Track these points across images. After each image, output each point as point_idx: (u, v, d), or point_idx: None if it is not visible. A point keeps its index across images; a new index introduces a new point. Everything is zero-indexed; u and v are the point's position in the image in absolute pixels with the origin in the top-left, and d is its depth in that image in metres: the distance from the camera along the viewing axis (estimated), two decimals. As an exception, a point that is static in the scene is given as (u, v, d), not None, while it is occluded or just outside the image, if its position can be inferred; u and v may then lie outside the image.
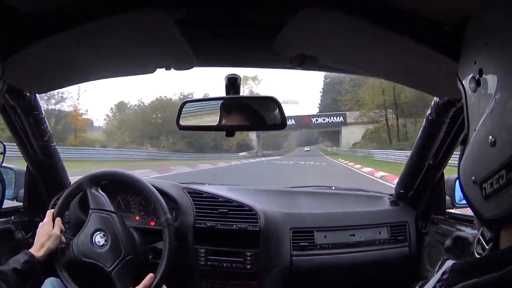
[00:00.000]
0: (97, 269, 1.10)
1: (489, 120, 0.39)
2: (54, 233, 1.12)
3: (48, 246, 1.09)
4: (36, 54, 0.76)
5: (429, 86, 0.96)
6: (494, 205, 0.39)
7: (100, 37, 0.74)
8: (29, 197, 1.40)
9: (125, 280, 1.09)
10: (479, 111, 0.42)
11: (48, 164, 1.37)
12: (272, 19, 0.77)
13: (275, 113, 1.10)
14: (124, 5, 0.67)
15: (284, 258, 1.29)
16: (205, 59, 1.03)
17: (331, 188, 1.73)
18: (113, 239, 1.13)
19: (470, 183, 0.42)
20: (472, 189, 0.42)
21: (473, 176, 0.42)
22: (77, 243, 1.13)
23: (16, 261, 1.01)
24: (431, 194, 1.36)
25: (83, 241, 1.13)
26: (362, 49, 0.78)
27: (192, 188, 1.38)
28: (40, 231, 1.12)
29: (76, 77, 1.01)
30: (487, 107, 0.40)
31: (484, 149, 0.40)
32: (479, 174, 0.40)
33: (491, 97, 0.39)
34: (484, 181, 0.39)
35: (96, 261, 1.11)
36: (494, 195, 0.38)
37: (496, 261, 0.36)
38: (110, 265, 1.10)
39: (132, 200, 1.37)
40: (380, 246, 1.34)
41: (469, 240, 1.11)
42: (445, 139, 1.21)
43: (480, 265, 0.38)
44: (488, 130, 0.39)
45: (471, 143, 0.44)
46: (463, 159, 0.45)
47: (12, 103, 1.10)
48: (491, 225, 0.41)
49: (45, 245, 1.08)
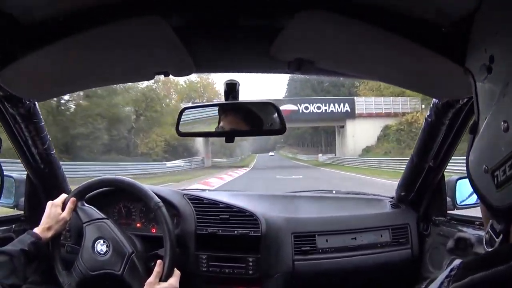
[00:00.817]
0: (109, 277, 1.10)
1: (502, 105, 0.39)
2: (64, 218, 1.11)
3: (56, 229, 1.09)
4: (35, 62, 0.76)
5: (428, 88, 0.96)
6: (507, 193, 0.38)
7: (98, 44, 0.74)
8: (29, 206, 1.40)
9: (138, 276, 1.09)
10: (490, 98, 0.42)
11: (48, 172, 1.37)
12: (269, 24, 0.77)
13: (274, 118, 1.11)
14: (123, 12, 0.67)
15: (286, 263, 1.29)
16: (203, 65, 1.03)
17: (331, 192, 1.73)
18: (113, 242, 1.13)
19: (480, 172, 0.42)
20: (482, 178, 0.42)
21: (484, 164, 0.41)
22: (81, 262, 1.11)
23: (23, 242, 1.01)
24: (432, 196, 1.36)
25: (86, 256, 1.12)
26: (361, 52, 0.78)
27: (193, 194, 1.38)
28: (50, 212, 1.11)
29: (75, 84, 1.01)
30: (498, 93, 0.40)
31: (496, 136, 0.39)
32: (490, 162, 0.40)
33: (503, 82, 0.39)
34: (496, 169, 0.39)
35: (104, 269, 1.10)
36: (507, 183, 0.38)
37: (504, 254, 0.36)
38: (119, 269, 1.09)
39: (133, 207, 1.38)
40: (382, 249, 1.34)
41: (471, 241, 1.11)
42: (445, 140, 1.21)
43: (488, 259, 0.37)
44: (500, 116, 0.39)
45: (482, 130, 0.43)
46: (472, 149, 0.45)
47: (12, 111, 1.10)
48: (502, 215, 0.41)
49: (52, 228, 1.08)
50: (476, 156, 0.44)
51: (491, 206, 0.42)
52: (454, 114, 1.10)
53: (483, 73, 0.44)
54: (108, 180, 1.23)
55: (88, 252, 1.12)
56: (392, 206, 1.47)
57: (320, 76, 1.08)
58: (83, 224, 1.15)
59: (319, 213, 1.42)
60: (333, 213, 1.42)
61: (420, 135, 1.26)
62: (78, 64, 0.83)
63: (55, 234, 1.10)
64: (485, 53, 0.44)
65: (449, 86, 0.87)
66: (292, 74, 1.03)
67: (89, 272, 1.09)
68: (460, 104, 1.05)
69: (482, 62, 0.44)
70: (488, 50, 0.43)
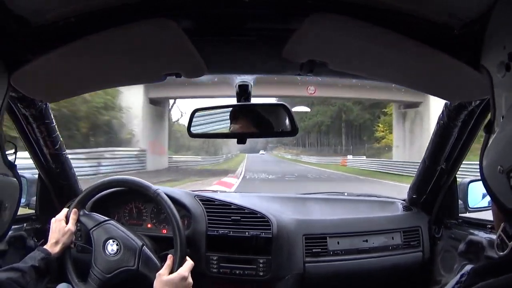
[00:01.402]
0: (125, 274, 1.10)
1: None
2: (69, 229, 1.12)
3: (63, 242, 1.09)
4: (47, 63, 0.76)
5: (440, 89, 0.96)
6: None
7: (110, 46, 0.75)
8: (41, 205, 1.41)
9: (153, 266, 1.09)
10: (508, 96, 0.42)
11: (60, 172, 1.38)
12: (281, 26, 0.77)
13: (285, 120, 1.11)
14: (134, 14, 0.67)
15: (297, 265, 1.28)
16: (215, 67, 1.04)
17: (343, 194, 1.72)
18: (123, 239, 1.13)
19: (495, 172, 0.41)
20: (497, 179, 0.41)
21: (499, 165, 0.40)
22: (96, 267, 1.11)
23: (33, 258, 1.01)
24: (444, 199, 1.35)
25: (100, 260, 1.12)
26: (373, 54, 0.78)
27: (204, 196, 1.38)
28: (54, 227, 1.12)
29: (87, 85, 1.01)
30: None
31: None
32: (506, 162, 0.39)
33: None
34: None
35: (120, 268, 1.10)
36: None
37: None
38: (134, 263, 1.10)
39: (144, 208, 1.38)
40: (393, 252, 1.33)
41: (483, 244, 1.10)
42: (457, 142, 1.20)
43: (499, 266, 0.37)
44: None
45: (499, 130, 0.42)
46: (487, 148, 0.44)
47: (24, 111, 1.12)
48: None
49: (60, 242, 1.09)
50: (491, 156, 0.43)
51: (504, 207, 0.41)
52: (467, 116, 1.10)
53: (501, 70, 0.43)
54: (104, 184, 1.23)
55: (101, 255, 1.12)
56: (404, 208, 1.46)
57: (332, 77, 1.08)
58: (90, 230, 1.16)
59: (331, 215, 1.41)
60: (344, 215, 1.42)
61: (432, 137, 1.25)
62: (90, 66, 0.83)
63: (63, 247, 1.10)
64: (504, 50, 0.43)
65: (461, 87, 0.86)
66: (305, 76, 1.03)
67: (105, 275, 1.09)
68: (473, 106, 1.04)
69: (500, 60, 0.44)
70: (508, 47, 0.43)
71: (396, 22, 0.67)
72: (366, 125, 31.89)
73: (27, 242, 1.32)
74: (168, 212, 1.11)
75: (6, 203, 0.66)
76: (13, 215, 0.70)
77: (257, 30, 0.81)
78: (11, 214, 0.69)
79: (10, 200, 0.68)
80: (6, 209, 0.66)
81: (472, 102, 1.03)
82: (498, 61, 0.45)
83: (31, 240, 1.34)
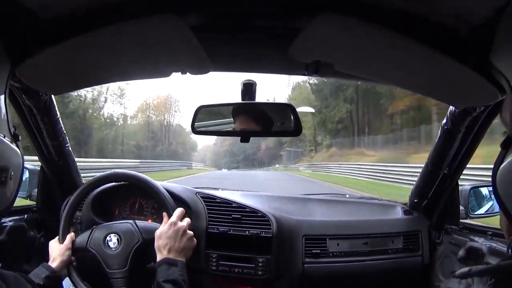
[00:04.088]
0: (138, 253, 1.13)
1: None
2: (66, 246, 1.13)
3: (63, 260, 1.10)
4: (53, 56, 0.77)
5: (446, 94, 0.96)
6: None
7: (115, 41, 0.75)
8: (42, 197, 1.42)
9: (153, 228, 1.14)
10: None
11: (62, 165, 1.39)
12: (288, 25, 0.77)
13: (290, 120, 1.11)
14: (140, 11, 0.68)
15: (296, 265, 1.28)
16: (220, 64, 1.04)
17: (345, 196, 1.73)
18: (115, 228, 1.17)
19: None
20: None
21: None
22: (112, 271, 1.12)
23: (38, 276, 1.01)
24: (445, 204, 1.35)
25: (111, 261, 1.13)
26: (379, 56, 0.78)
27: (206, 193, 1.38)
28: (52, 249, 1.14)
29: (92, 79, 1.02)
30: None
31: None
32: None
33: None
34: None
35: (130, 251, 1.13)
36: None
37: None
38: (137, 238, 1.14)
39: (145, 203, 1.38)
40: (393, 255, 1.33)
41: (483, 251, 1.10)
42: (460, 148, 1.20)
43: None
44: None
45: None
46: (504, 164, 0.43)
47: (28, 103, 1.12)
48: None
49: (58, 260, 1.10)
50: (510, 171, 0.42)
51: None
52: (471, 122, 1.10)
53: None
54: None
55: (108, 256, 1.13)
56: (405, 212, 1.46)
57: (337, 79, 1.08)
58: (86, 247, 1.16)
59: (331, 217, 1.41)
60: (345, 217, 1.42)
61: (436, 142, 1.25)
62: (95, 59, 0.84)
63: (65, 263, 1.11)
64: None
65: (466, 93, 0.86)
66: (310, 76, 1.03)
67: (124, 270, 1.11)
68: (477, 112, 1.04)
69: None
70: None
71: (402, 24, 0.66)
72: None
73: (27, 233, 1.32)
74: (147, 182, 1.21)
75: (11, 171, 0.66)
76: (17, 186, 0.70)
77: (263, 28, 0.81)
78: (15, 184, 0.69)
79: (15, 169, 0.68)
80: (12, 178, 0.66)
81: (477, 108, 1.03)
82: None
83: (32, 231, 1.34)
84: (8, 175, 0.65)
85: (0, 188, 0.64)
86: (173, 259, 1.04)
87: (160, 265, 1.02)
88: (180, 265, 1.03)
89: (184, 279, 1.00)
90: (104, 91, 29.97)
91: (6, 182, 0.64)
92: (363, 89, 25.37)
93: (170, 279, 0.97)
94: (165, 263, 1.02)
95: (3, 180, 0.63)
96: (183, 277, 1.00)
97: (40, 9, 0.68)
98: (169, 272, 1.00)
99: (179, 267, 1.02)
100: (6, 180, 0.64)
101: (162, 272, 1.00)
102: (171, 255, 1.05)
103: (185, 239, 1.10)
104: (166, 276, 0.98)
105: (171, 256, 1.05)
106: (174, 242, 1.07)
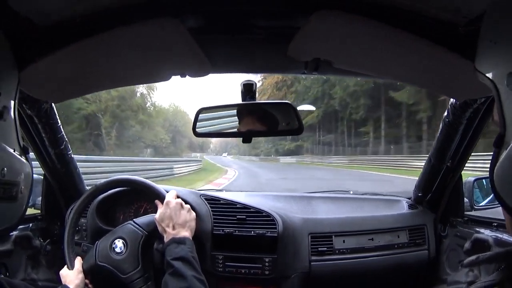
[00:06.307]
0: (145, 249, 1.14)
1: None
2: (78, 269, 1.12)
3: (77, 284, 1.09)
4: (53, 64, 0.76)
5: (446, 87, 0.96)
6: None
7: (115, 46, 0.75)
8: (46, 205, 1.42)
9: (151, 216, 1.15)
10: None
11: (65, 172, 1.39)
12: (286, 24, 0.77)
13: (291, 118, 1.11)
14: (138, 15, 0.68)
15: (302, 264, 1.28)
16: (220, 66, 1.04)
17: (348, 192, 1.73)
18: (118, 232, 1.16)
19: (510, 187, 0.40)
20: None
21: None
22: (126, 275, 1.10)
23: None
24: (450, 197, 1.35)
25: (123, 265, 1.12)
26: (378, 52, 0.78)
27: (210, 195, 1.38)
28: (63, 278, 1.11)
29: (92, 86, 1.02)
30: None
31: None
32: None
33: None
34: None
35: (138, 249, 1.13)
36: None
37: None
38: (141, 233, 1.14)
39: (149, 207, 1.38)
40: (399, 250, 1.33)
41: (489, 242, 1.10)
42: (462, 140, 1.20)
43: None
44: None
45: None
46: (499, 163, 0.42)
47: (29, 112, 1.11)
48: None
49: (74, 283, 1.08)
50: (505, 170, 0.41)
51: None
52: (472, 114, 1.10)
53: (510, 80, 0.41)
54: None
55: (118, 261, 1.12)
56: (410, 207, 1.46)
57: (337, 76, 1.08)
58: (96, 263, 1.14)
59: (336, 214, 1.41)
60: (350, 213, 1.42)
61: (437, 135, 1.25)
62: (95, 66, 0.84)
63: (81, 284, 1.10)
64: None
65: (466, 86, 0.86)
66: (310, 74, 1.03)
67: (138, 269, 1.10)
68: (478, 103, 1.04)
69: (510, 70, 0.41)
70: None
71: (401, 20, 0.67)
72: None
73: (33, 242, 1.32)
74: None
75: (21, 186, 0.65)
76: (27, 199, 0.69)
77: (262, 28, 0.81)
78: (26, 197, 0.68)
79: (26, 184, 0.67)
80: (23, 192, 0.66)
81: (477, 100, 1.03)
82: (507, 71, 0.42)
83: (37, 240, 1.34)
84: (19, 189, 0.64)
85: (12, 203, 0.63)
86: (181, 238, 1.04)
87: (168, 244, 1.02)
88: (188, 242, 1.03)
89: (193, 256, 0.99)
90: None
91: (17, 196, 0.63)
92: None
93: (178, 257, 0.97)
94: (173, 242, 1.02)
95: (14, 195, 0.62)
96: (192, 254, 1.00)
97: (38, 17, 0.68)
98: (177, 250, 1.00)
99: (187, 245, 1.02)
100: (17, 195, 0.63)
101: (171, 250, 1.00)
102: (176, 230, 1.06)
103: (184, 212, 1.10)
104: (175, 254, 0.98)
105: (177, 231, 1.05)
106: (175, 218, 1.08)
